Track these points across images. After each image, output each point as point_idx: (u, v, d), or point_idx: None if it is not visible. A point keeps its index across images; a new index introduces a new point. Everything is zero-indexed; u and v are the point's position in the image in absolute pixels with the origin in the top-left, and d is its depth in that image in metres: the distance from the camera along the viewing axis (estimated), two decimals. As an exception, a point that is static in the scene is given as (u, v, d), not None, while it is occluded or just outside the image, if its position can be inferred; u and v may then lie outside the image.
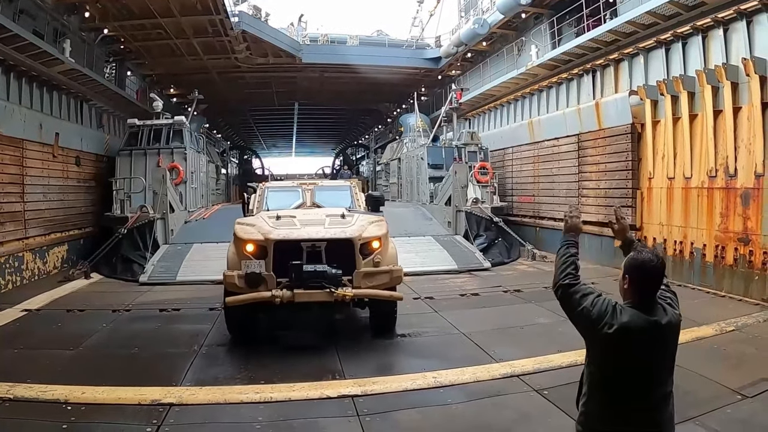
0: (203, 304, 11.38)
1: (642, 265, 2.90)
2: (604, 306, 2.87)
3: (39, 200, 15.83)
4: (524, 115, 22.03)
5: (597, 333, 2.86)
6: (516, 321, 9.80)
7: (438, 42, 30.59)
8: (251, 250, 8.20)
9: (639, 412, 2.85)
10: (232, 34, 22.80)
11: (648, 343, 2.83)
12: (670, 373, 2.95)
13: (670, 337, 2.91)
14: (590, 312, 2.88)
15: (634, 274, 2.91)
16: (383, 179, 33.71)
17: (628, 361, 2.85)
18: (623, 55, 16.11)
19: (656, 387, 2.88)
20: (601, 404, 2.94)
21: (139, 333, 9.36)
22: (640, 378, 2.86)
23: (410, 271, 14.30)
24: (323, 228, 8.42)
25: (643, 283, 2.90)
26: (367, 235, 8.37)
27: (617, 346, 2.84)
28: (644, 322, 2.81)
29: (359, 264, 8.17)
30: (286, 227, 8.47)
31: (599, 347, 2.93)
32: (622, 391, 2.87)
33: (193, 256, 15.38)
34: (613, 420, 2.88)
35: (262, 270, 7.91)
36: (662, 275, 2.96)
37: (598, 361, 2.96)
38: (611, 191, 15.98)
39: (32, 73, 15.99)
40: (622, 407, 2.88)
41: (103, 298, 12.40)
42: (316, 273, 7.75)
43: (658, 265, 2.92)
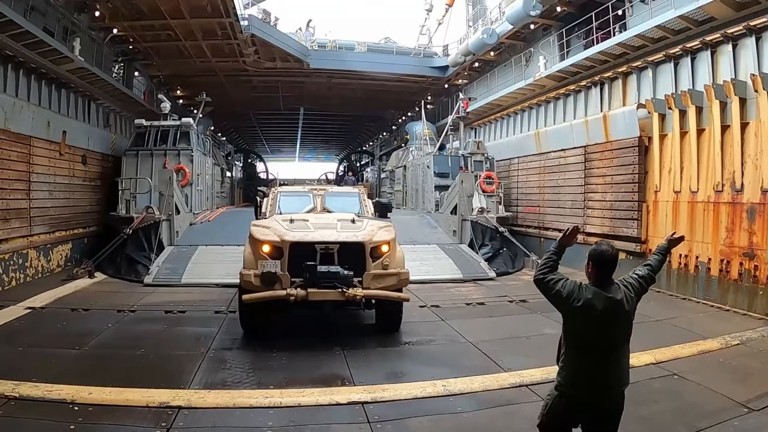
0: (209, 306, 11.35)
1: (601, 253, 3.92)
2: (572, 286, 3.85)
3: (45, 198, 15.83)
4: (531, 126, 22.03)
5: (569, 306, 3.85)
6: (522, 331, 9.76)
7: (446, 51, 30.62)
8: (267, 250, 8.59)
9: (601, 363, 3.83)
10: (241, 37, 22.81)
11: (605, 313, 3.79)
12: (626, 340, 3.94)
13: (624, 312, 3.86)
14: (562, 292, 3.85)
15: (595, 260, 3.92)
16: (388, 186, 33.60)
17: (591, 325, 3.82)
18: (632, 68, 16.13)
19: (613, 346, 3.88)
20: (574, 359, 3.94)
21: (145, 334, 9.30)
22: (600, 338, 3.84)
23: (416, 279, 14.19)
24: (336, 232, 8.88)
25: (601, 267, 3.91)
26: (377, 240, 8.85)
27: (583, 315, 3.81)
28: (602, 297, 3.81)
29: (369, 266, 8.65)
30: (301, 230, 8.89)
31: (571, 317, 3.91)
32: (588, 348, 3.87)
33: (198, 258, 15.33)
34: (582, 370, 3.88)
35: (278, 270, 8.34)
36: (615, 261, 3.93)
37: (570, 328, 3.96)
38: (617, 204, 15.95)
39: (41, 71, 16.04)
40: (589, 360, 3.85)
41: (108, 298, 12.36)
42: (329, 273, 8.22)
43: (613, 254, 3.94)
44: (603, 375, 3.85)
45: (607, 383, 3.89)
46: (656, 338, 9.15)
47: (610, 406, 3.96)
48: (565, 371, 3.98)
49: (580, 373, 3.90)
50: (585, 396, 3.91)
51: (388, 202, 11.65)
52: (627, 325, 3.94)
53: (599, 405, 3.94)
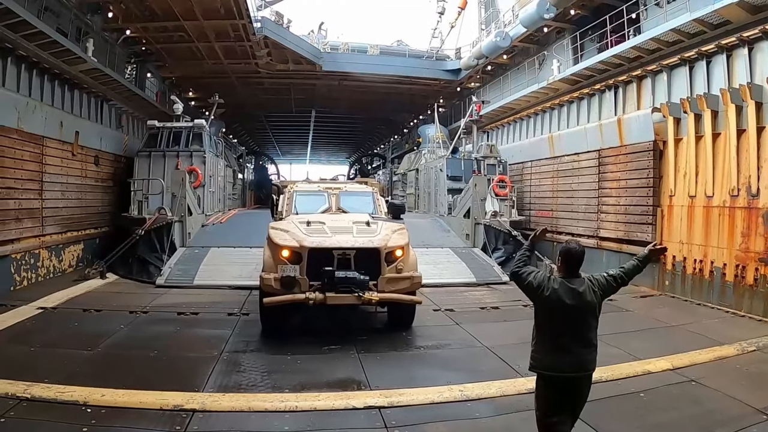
0: (222, 308, 11.27)
1: (569, 250, 4.48)
2: (542, 278, 4.42)
3: (57, 198, 15.82)
4: (544, 130, 21.87)
5: (539, 296, 4.40)
6: (538, 336, 9.60)
7: (458, 54, 30.52)
8: (287, 255, 8.85)
9: (568, 347, 4.33)
10: (254, 39, 22.81)
11: (569, 302, 4.31)
12: (590, 329, 4.43)
13: (586, 303, 4.36)
14: (533, 283, 4.43)
15: (564, 256, 4.49)
16: (400, 189, 33.43)
17: (558, 313, 4.34)
18: (646, 71, 16.00)
19: (577, 332, 4.37)
20: (544, 344, 4.44)
21: (158, 335, 9.23)
22: (567, 326, 4.36)
23: (429, 282, 14.09)
24: (352, 237, 9.08)
25: (569, 262, 4.47)
26: (392, 245, 9.14)
27: (550, 303, 4.35)
28: (568, 289, 4.33)
29: (384, 270, 8.94)
30: (318, 235, 9.10)
31: (541, 305, 4.45)
32: (557, 334, 4.37)
33: (210, 260, 15.26)
34: (552, 354, 4.37)
35: (297, 274, 8.66)
36: (582, 258, 4.48)
37: (541, 315, 4.50)
38: (631, 208, 15.79)
39: (54, 71, 16.07)
40: (558, 345, 4.35)
41: (120, 299, 12.30)
42: (346, 279, 8.51)
43: (579, 251, 4.48)
44: (568, 357, 4.36)
45: (572, 363, 4.37)
46: (672, 344, 9.06)
47: (577, 385, 4.45)
48: (538, 353, 4.51)
49: (548, 353, 4.42)
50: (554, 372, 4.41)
51: (401, 204, 11.93)
52: (590, 315, 4.44)
53: (566, 381, 4.41)
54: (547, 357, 4.42)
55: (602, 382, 7.08)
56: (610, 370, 7.54)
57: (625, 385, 7.17)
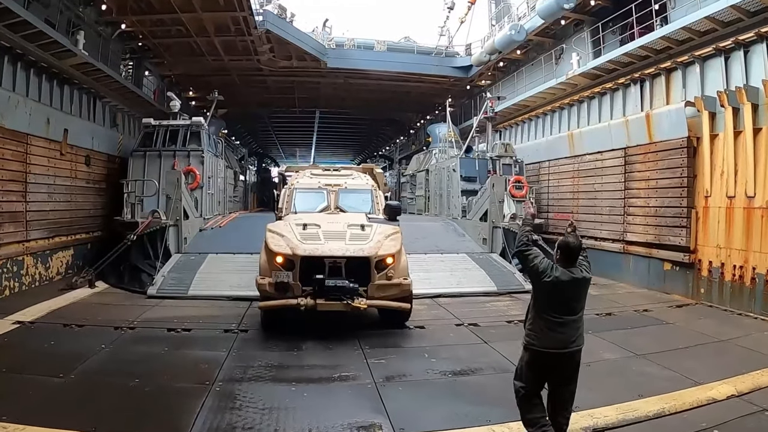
0: (217, 324, 10.10)
1: (568, 244, 4.92)
2: (546, 264, 4.87)
3: (43, 200, 14.79)
4: (562, 127, 20.70)
5: (541, 280, 4.84)
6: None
7: (468, 50, 29.30)
8: (280, 261, 9.26)
9: (562, 326, 4.84)
10: (256, 33, 21.71)
11: (569, 288, 4.83)
12: (582, 308, 4.97)
13: (582, 287, 4.95)
14: (538, 267, 4.86)
15: (564, 250, 4.93)
16: (408, 191, 32.22)
17: (557, 297, 4.85)
18: (677, 63, 14.94)
19: (572, 314, 4.88)
20: (539, 323, 4.90)
21: (143, 358, 8.00)
22: (563, 308, 4.85)
23: (446, 292, 13.07)
24: (344, 244, 9.38)
25: (567, 255, 4.92)
26: (383, 253, 9.42)
27: (552, 289, 4.82)
28: (568, 276, 4.81)
29: (374, 277, 9.31)
30: (312, 241, 9.42)
31: (542, 289, 4.91)
32: (552, 315, 4.84)
33: (207, 267, 14.10)
34: (546, 329, 4.84)
35: (290, 280, 9.06)
36: (579, 250, 4.96)
37: (540, 298, 4.95)
38: (662, 210, 14.73)
39: (41, 65, 15.02)
40: (552, 324, 4.83)
41: (106, 312, 11.16)
42: (336, 288, 8.92)
43: (576, 245, 4.94)
44: (563, 334, 4.83)
45: (566, 340, 4.85)
46: (728, 363, 8.07)
47: (570, 359, 4.92)
48: (533, 330, 4.96)
49: (544, 331, 4.85)
50: (548, 349, 4.86)
51: (397, 205, 11.94)
52: (583, 297, 5.02)
53: (559, 358, 4.87)
54: (545, 335, 4.86)
55: (667, 415, 6.19)
56: (671, 399, 6.55)
57: (693, 419, 6.14)
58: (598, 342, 9.16)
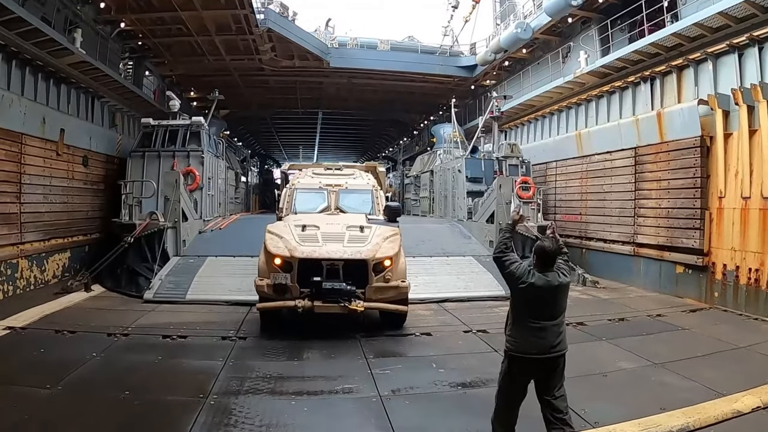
0: (215, 330, 9.69)
1: (544, 248, 4.99)
2: (522, 269, 4.95)
3: (38, 201, 14.45)
4: (570, 127, 20.24)
5: (518, 285, 4.93)
6: (594, 365, 7.90)
7: (473, 49, 28.86)
8: (278, 263, 9.25)
9: (541, 331, 4.84)
10: (257, 32, 21.32)
11: (545, 294, 4.87)
12: (561, 313, 4.97)
13: (559, 291, 4.94)
14: (515, 272, 4.95)
15: (540, 254, 4.98)
16: (412, 193, 31.64)
17: (534, 302, 4.90)
18: (688, 60, 14.53)
19: (551, 319, 4.89)
20: (519, 329, 4.94)
21: (135, 367, 7.60)
22: (541, 313, 4.88)
23: (453, 296, 12.65)
24: (342, 246, 9.36)
25: (545, 260, 4.96)
26: (380, 255, 9.39)
27: (528, 294, 4.89)
28: (544, 282, 4.87)
29: (371, 280, 9.28)
30: (310, 243, 9.43)
31: (519, 295, 4.98)
32: (531, 321, 4.86)
33: (206, 271, 13.68)
34: (527, 335, 4.86)
35: (288, 281, 9.09)
36: (556, 255, 5.02)
37: (518, 303, 5.01)
38: (675, 211, 14.30)
39: (37, 63, 14.69)
40: (531, 329, 4.85)
41: (101, 317, 10.77)
42: (333, 290, 8.96)
43: (554, 249, 5.01)
44: (543, 339, 4.78)
45: (548, 345, 4.79)
46: (750, 372, 7.69)
47: (552, 364, 4.86)
48: (514, 336, 4.93)
49: (525, 337, 4.81)
50: (530, 355, 4.81)
51: (397, 207, 11.83)
52: (563, 301, 4.97)
53: (542, 362, 4.82)
54: (524, 341, 4.84)
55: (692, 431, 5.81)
56: (695, 413, 6.13)
57: (719, 435, 5.68)
58: (614, 350, 8.78)
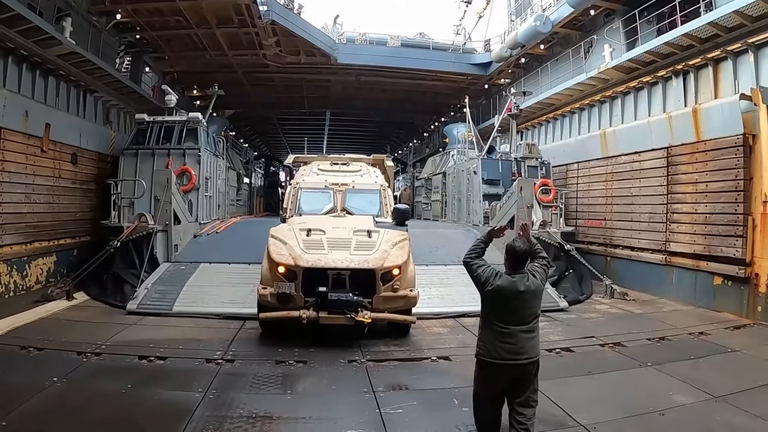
0: (199, 350, 8.47)
1: (513, 249, 4.91)
2: (489, 272, 4.89)
3: (19, 201, 13.40)
4: (592, 126, 18.96)
5: (485, 289, 4.87)
6: (646, 400, 6.58)
7: (487, 46, 27.57)
8: (282, 271, 8.83)
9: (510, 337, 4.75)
10: (260, 24, 20.12)
11: (512, 297, 4.77)
12: (533, 318, 4.88)
13: (528, 295, 4.81)
14: (481, 276, 4.90)
15: (509, 254, 4.93)
16: (423, 196, 30.23)
17: (501, 306, 4.82)
18: (726, 52, 13.38)
19: (521, 322, 4.80)
20: (487, 333, 4.87)
21: (98, 398, 6.34)
22: (509, 317, 4.79)
23: (472, 311, 11.17)
24: (348, 254, 8.94)
25: (514, 260, 4.91)
26: (389, 264, 8.97)
27: (495, 297, 4.83)
28: (511, 284, 4.78)
29: (379, 290, 8.90)
30: (315, 251, 8.96)
31: (487, 297, 4.90)
32: (500, 324, 4.79)
33: (197, 279, 12.42)
34: (495, 340, 4.78)
35: (292, 291, 8.72)
36: (526, 256, 4.97)
37: (486, 307, 4.94)
38: (713, 217, 13.04)
39: (22, 52, 13.58)
40: (501, 334, 4.77)
41: (75, 331, 9.57)
42: (339, 302, 8.59)
43: (524, 249, 4.94)
44: (512, 345, 4.73)
45: (516, 351, 4.74)
46: None
47: (521, 370, 4.80)
48: (483, 341, 4.91)
49: (492, 342, 4.80)
50: (497, 360, 4.76)
51: (406, 209, 11.29)
52: (533, 306, 4.91)
53: (510, 368, 4.76)
54: (492, 345, 4.77)
55: None
56: None
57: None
58: (663, 379, 7.47)
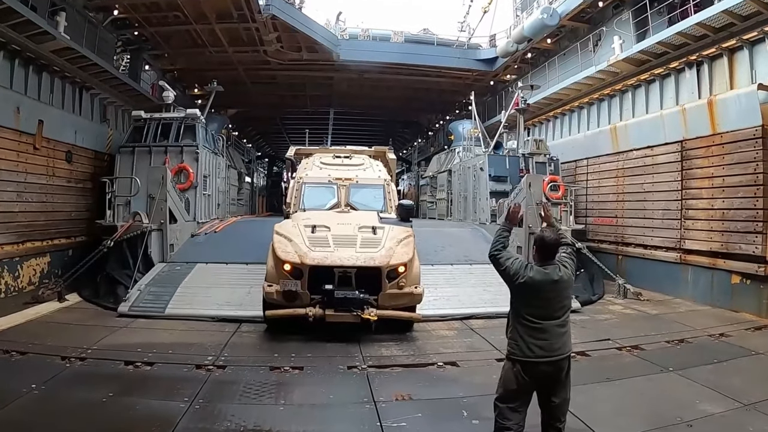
0: (190, 355, 7.95)
1: (543, 239, 4.61)
2: (518, 265, 4.55)
3: (10, 200, 13.00)
4: (602, 121, 18.41)
5: (515, 282, 4.51)
6: (671, 409, 6.04)
7: (492, 41, 27.06)
8: (288, 269, 8.82)
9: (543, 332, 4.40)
10: (260, 19, 19.63)
11: (545, 289, 4.44)
12: (565, 312, 4.55)
13: (562, 285, 4.50)
14: (510, 269, 4.55)
15: (539, 245, 4.64)
16: (428, 194, 29.70)
17: (533, 300, 4.48)
18: (742, 41, 12.85)
19: (553, 316, 4.47)
20: (519, 330, 4.50)
21: (75, 409, 5.85)
22: (542, 311, 4.45)
23: (480, 312, 10.82)
24: (354, 252, 8.96)
25: (544, 251, 4.58)
26: (394, 262, 8.96)
27: (526, 290, 4.47)
28: (543, 276, 4.44)
29: (385, 287, 8.91)
30: (321, 248, 8.98)
31: (517, 292, 4.57)
32: (533, 320, 4.44)
33: (193, 280, 11.95)
34: (528, 336, 4.43)
35: (298, 288, 8.75)
36: (557, 247, 4.59)
37: (516, 303, 4.59)
38: (731, 213, 12.52)
39: (13, 47, 13.17)
40: (534, 329, 4.42)
41: (63, 334, 9.11)
42: (345, 299, 8.63)
43: (554, 241, 4.59)
44: (545, 341, 4.40)
45: (549, 347, 4.39)
46: None
47: (555, 368, 4.43)
48: (515, 339, 4.53)
49: (524, 339, 4.44)
50: (530, 358, 4.40)
51: (410, 205, 11.34)
52: (565, 297, 4.58)
53: (544, 367, 4.39)
54: (525, 342, 4.43)
55: None
56: None
57: None
58: (688, 385, 6.91)
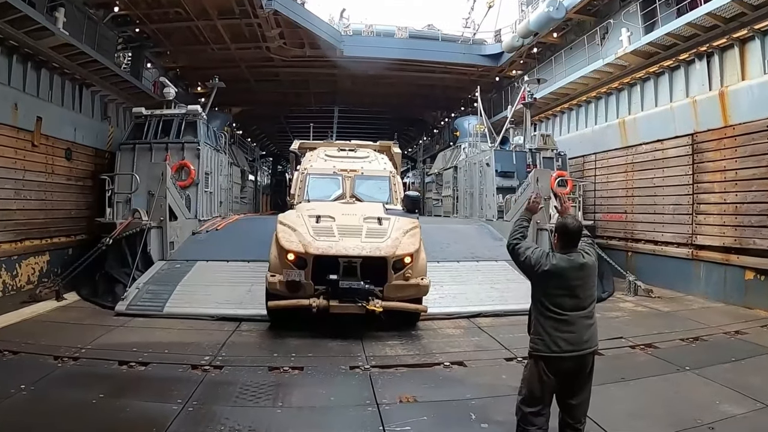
0: (186, 355, 7.67)
1: (565, 225, 4.41)
2: (539, 252, 4.34)
3: (8, 198, 12.82)
4: (610, 115, 18.05)
5: (537, 271, 4.28)
6: (691, 410, 5.74)
7: (498, 36, 26.68)
8: (292, 259, 8.66)
9: (569, 325, 4.17)
10: (262, 14, 19.40)
11: (570, 276, 4.21)
12: (591, 302, 4.32)
13: (588, 271, 4.29)
14: (530, 258, 4.33)
15: (561, 232, 4.42)
16: (434, 191, 29.46)
17: (558, 289, 4.22)
18: (753, 31, 12.47)
19: (579, 306, 4.24)
20: (544, 324, 4.25)
21: (66, 411, 5.59)
22: (569, 301, 4.21)
23: (487, 310, 10.52)
24: (360, 242, 8.75)
25: (567, 238, 4.37)
26: (401, 252, 8.77)
27: (550, 279, 4.23)
28: (567, 263, 4.24)
29: (390, 278, 8.71)
30: (325, 238, 8.78)
31: (539, 282, 4.32)
32: (558, 311, 4.20)
33: (192, 278, 11.70)
34: (553, 332, 4.19)
35: (302, 279, 8.55)
36: (580, 234, 4.40)
37: (539, 295, 4.33)
38: (744, 206, 12.23)
39: (11, 43, 12.95)
40: (560, 322, 4.19)
41: (58, 333, 8.89)
42: (350, 290, 8.45)
43: (577, 226, 4.42)
44: (573, 334, 4.17)
45: (577, 340, 4.17)
46: None
47: (582, 363, 4.23)
48: (538, 334, 4.28)
49: (551, 333, 4.19)
50: (557, 353, 4.16)
51: (416, 197, 11.21)
52: (592, 286, 4.33)
53: (572, 360, 4.18)
54: (550, 337, 4.20)
55: None
56: None
57: None
58: (706, 385, 6.58)
